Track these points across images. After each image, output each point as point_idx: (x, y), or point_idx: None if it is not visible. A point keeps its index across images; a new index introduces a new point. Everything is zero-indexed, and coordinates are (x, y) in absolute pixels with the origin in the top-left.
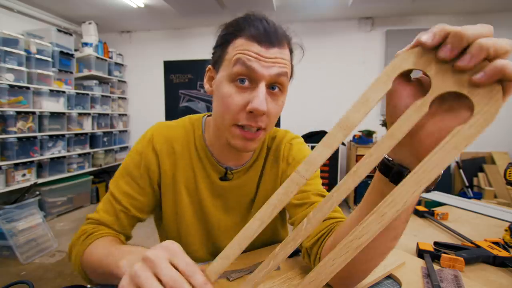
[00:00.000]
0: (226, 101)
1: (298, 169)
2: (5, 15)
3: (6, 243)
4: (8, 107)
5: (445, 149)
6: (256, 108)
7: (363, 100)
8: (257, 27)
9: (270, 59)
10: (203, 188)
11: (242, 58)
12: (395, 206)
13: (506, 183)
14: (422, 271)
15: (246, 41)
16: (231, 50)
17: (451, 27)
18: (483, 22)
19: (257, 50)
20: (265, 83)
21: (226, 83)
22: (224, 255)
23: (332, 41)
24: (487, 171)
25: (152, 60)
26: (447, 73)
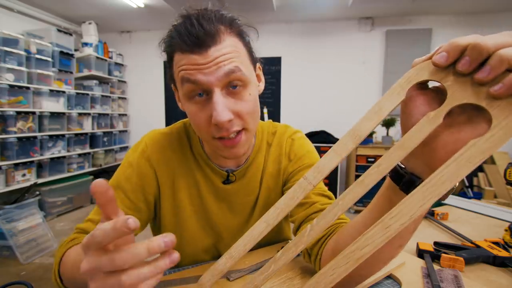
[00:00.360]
0: (193, 120)
1: (306, 175)
2: (5, 15)
3: (6, 243)
4: (8, 107)
5: (458, 162)
6: (218, 121)
7: (375, 110)
8: (184, 38)
9: (210, 64)
10: (207, 194)
11: (184, 75)
12: (400, 219)
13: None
14: (422, 271)
15: (181, 54)
16: (175, 68)
17: (467, 40)
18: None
19: (193, 61)
20: (220, 88)
21: (186, 102)
22: (229, 255)
23: (332, 41)
24: (487, 171)
25: (152, 60)
26: (465, 85)
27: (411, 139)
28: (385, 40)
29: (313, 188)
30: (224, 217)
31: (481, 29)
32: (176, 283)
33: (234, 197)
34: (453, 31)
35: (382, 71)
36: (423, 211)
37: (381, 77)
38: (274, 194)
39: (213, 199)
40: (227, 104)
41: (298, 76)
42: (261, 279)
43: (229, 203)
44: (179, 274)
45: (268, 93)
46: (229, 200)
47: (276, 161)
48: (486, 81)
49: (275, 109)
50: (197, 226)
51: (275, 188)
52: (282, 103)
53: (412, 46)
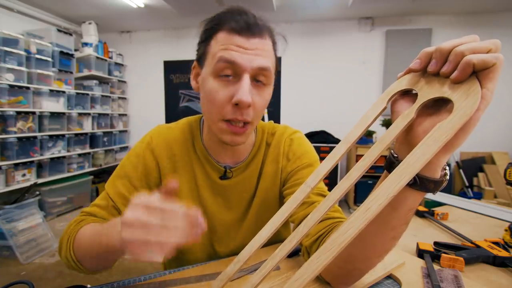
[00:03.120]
0: (212, 96)
1: (307, 181)
2: (5, 15)
3: (6, 243)
4: (8, 107)
5: (427, 143)
6: (240, 100)
7: (363, 119)
8: (237, 20)
9: (251, 50)
10: (203, 188)
11: (224, 54)
12: (378, 200)
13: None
14: (422, 271)
15: (227, 34)
16: (214, 44)
17: (434, 46)
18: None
19: (238, 41)
20: (249, 75)
21: (211, 78)
22: (237, 259)
23: (332, 41)
24: (487, 171)
25: (152, 60)
26: (432, 84)
27: (389, 134)
28: (385, 40)
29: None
30: (219, 211)
31: (481, 29)
32: (176, 283)
33: (229, 193)
34: (453, 31)
35: (382, 71)
36: (398, 190)
37: (381, 77)
38: (272, 193)
39: (210, 193)
40: (251, 90)
41: (298, 76)
42: (260, 275)
43: (225, 198)
44: (179, 274)
45: None
46: (225, 195)
47: (274, 161)
48: (448, 73)
49: (275, 109)
50: None
51: (272, 188)
52: (282, 103)
53: (412, 46)
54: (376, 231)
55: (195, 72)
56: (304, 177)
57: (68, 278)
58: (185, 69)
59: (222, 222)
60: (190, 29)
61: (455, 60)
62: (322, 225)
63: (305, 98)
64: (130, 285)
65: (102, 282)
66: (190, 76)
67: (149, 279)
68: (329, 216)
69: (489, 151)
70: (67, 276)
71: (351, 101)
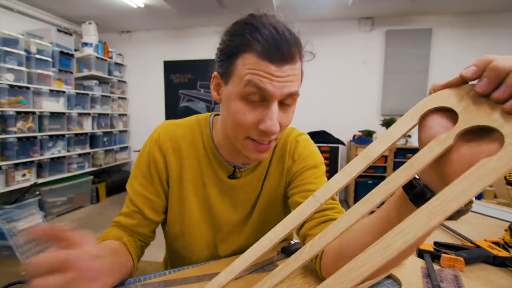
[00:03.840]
0: (237, 118)
1: (315, 194)
2: (5, 15)
3: (6, 243)
4: (8, 107)
5: (468, 180)
6: (269, 129)
7: (388, 133)
8: (267, 40)
9: (282, 78)
10: (211, 186)
11: (254, 80)
12: (403, 237)
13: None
14: (422, 271)
15: (257, 58)
16: (241, 66)
17: (491, 58)
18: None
19: (269, 70)
20: (278, 101)
21: (237, 100)
22: (230, 269)
23: (332, 41)
24: None
25: (152, 60)
26: (481, 106)
27: (421, 158)
28: (385, 40)
29: (319, 206)
30: (226, 210)
31: (481, 29)
32: (176, 283)
33: (236, 193)
34: (453, 31)
35: (382, 71)
36: (427, 230)
37: (381, 77)
38: (276, 193)
39: (217, 192)
40: (278, 114)
41: None
42: None
43: (231, 198)
44: (179, 274)
45: None
46: (231, 194)
47: (280, 162)
48: (501, 99)
49: None
50: (199, 216)
51: (277, 188)
52: None
53: (412, 46)
54: None
55: (216, 83)
56: (308, 178)
57: None
58: (185, 69)
59: (227, 221)
60: (190, 29)
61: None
62: (324, 226)
63: (305, 98)
64: (130, 285)
65: None
66: (211, 85)
67: (149, 279)
68: (331, 217)
69: None
70: None
71: (351, 101)
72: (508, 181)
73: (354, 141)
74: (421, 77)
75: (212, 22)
